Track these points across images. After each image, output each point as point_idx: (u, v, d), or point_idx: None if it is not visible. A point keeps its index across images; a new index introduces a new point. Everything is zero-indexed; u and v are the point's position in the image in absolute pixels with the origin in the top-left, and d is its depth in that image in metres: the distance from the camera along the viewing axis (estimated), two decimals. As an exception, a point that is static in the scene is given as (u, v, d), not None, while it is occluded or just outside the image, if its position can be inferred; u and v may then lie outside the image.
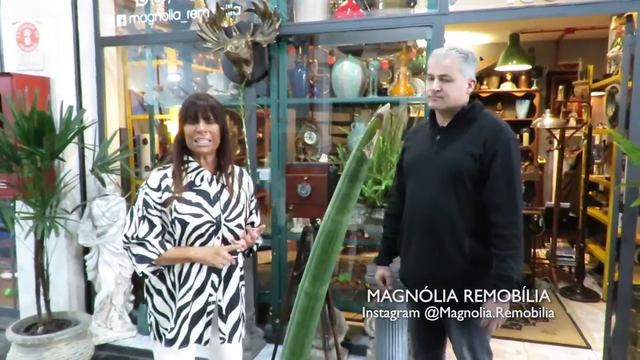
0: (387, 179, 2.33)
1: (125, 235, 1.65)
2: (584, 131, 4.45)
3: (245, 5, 3.07)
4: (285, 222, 3.12)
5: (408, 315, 1.99)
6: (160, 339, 1.71)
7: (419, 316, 1.91)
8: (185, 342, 1.68)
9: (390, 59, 3.30)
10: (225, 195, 1.72)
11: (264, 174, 3.16)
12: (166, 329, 1.70)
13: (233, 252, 1.70)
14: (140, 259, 1.63)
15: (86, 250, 3.26)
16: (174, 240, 1.68)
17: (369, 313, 2.92)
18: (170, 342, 1.68)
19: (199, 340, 1.71)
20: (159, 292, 1.71)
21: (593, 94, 4.43)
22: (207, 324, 1.71)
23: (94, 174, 2.96)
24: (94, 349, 2.90)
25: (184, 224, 1.64)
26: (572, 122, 5.14)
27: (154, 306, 1.72)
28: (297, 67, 3.19)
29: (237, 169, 1.82)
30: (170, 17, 3.25)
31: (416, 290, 1.85)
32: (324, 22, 3.01)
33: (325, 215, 0.49)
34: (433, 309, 1.86)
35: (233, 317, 1.77)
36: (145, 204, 1.64)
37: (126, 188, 3.52)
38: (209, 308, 1.71)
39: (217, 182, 1.73)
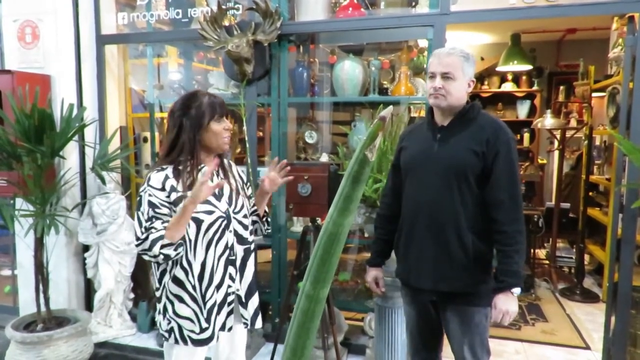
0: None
1: (138, 238, 1.60)
2: (584, 132, 4.45)
3: (246, 4, 3.07)
4: (285, 221, 3.12)
5: (406, 314, 2.01)
6: (185, 341, 1.68)
7: (418, 315, 1.92)
8: (215, 336, 1.72)
9: (392, 59, 3.29)
10: (227, 189, 1.75)
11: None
12: (192, 331, 1.68)
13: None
14: (152, 246, 1.56)
15: (86, 248, 3.27)
16: (189, 240, 1.65)
17: (369, 312, 2.93)
18: (204, 342, 1.69)
19: (222, 329, 1.74)
20: (179, 298, 1.68)
21: (594, 94, 4.43)
22: (229, 313, 1.75)
23: (94, 172, 2.96)
24: (93, 346, 2.90)
25: (199, 222, 1.64)
26: (573, 123, 5.14)
27: (175, 312, 1.68)
28: (298, 66, 3.19)
29: (225, 161, 1.84)
30: (171, 15, 3.25)
31: (417, 289, 1.86)
32: (325, 21, 3.00)
33: (327, 216, 0.49)
34: (433, 307, 1.86)
35: (253, 303, 1.81)
36: (152, 205, 1.61)
37: (126, 186, 3.53)
38: (229, 298, 1.74)
39: (218, 177, 1.75)
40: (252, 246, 1.84)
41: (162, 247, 1.57)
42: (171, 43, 3.70)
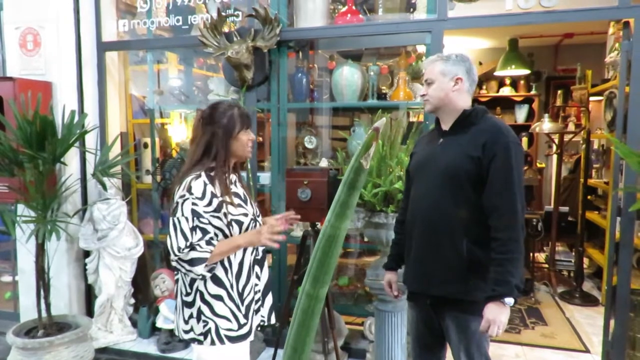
0: (387, 184, 2.35)
1: (179, 248, 1.62)
2: (582, 136, 4.47)
3: (246, 11, 3.09)
4: (285, 226, 3.13)
5: (407, 316, 2.02)
6: (222, 340, 1.70)
7: (418, 318, 1.93)
8: (252, 332, 1.79)
9: (390, 64, 3.32)
10: (245, 194, 1.84)
11: (264, 177, 3.18)
12: (230, 329, 1.72)
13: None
14: (193, 262, 1.62)
15: (87, 253, 3.28)
16: None
17: (368, 317, 2.94)
18: (243, 338, 1.75)
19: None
20: (218, 297, 1.71)
21: (591, 98, 4.45)
22: (257, 311, 1.83)
23: (95, 178, 2.98)
24: (94, 352, 2.91)
25: (240, 224, 1.73)
26: (571, 127, 5.17)
27: (213, 312, 1.70)
28: (297, 71, 3.22)
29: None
30: (171, 22, 3.28)
31: (413, 292, 1.88)
32: (324, 28, 3.03)
33: (325, 221, 0.52)
34: (431, 311, 1.87)
35: (269, 300, 1.90)
36: (195, 214, 1.64)
37: (127, 192, 3.54)
38: (256, 296, 1.82)
39: (235, 184, 1.83)
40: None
41: (204, 268, 1.65)
42: (171, 49, 3.72)
